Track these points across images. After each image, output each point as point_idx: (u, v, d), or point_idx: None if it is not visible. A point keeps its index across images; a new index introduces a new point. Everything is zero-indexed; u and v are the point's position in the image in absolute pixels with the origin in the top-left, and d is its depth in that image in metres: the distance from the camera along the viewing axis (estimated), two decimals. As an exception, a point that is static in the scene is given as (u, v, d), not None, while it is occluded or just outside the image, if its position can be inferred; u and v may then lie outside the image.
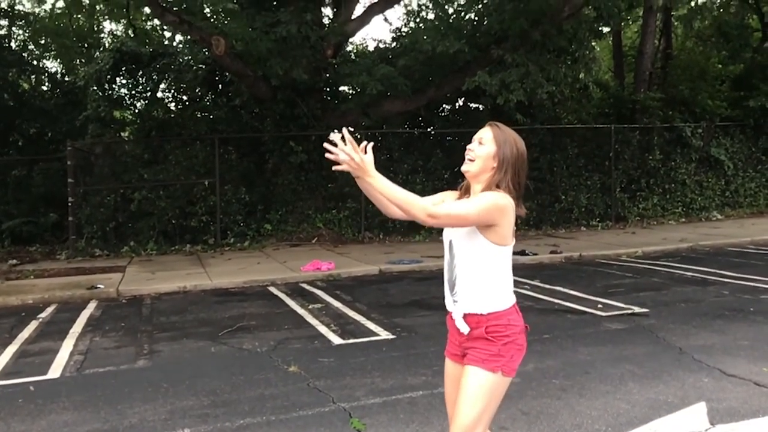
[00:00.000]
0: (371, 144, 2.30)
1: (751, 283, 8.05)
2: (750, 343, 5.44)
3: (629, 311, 6.75)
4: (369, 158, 2.26)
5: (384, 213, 2.54)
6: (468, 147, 2.52)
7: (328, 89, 14.87)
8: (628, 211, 15.90)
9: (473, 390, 2.43)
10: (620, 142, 15.93)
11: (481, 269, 2.45)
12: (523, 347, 2.50)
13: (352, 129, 2.30)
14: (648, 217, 15.85)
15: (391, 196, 2.26)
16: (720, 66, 18.09)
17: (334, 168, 2.32)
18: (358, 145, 2.27)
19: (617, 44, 19.56)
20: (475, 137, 2.53)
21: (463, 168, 2.52)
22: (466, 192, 2.57)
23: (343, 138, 2.25)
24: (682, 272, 9.12)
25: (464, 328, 2.49)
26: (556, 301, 7.44)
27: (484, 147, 2.47)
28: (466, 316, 2.48)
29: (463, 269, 2.48)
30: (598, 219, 15.56)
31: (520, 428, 3.81)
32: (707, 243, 11.81)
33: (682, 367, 4.86)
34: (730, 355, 5.09)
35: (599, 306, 7.03)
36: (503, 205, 2.37)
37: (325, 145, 2.28)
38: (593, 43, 17.27)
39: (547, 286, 8.33)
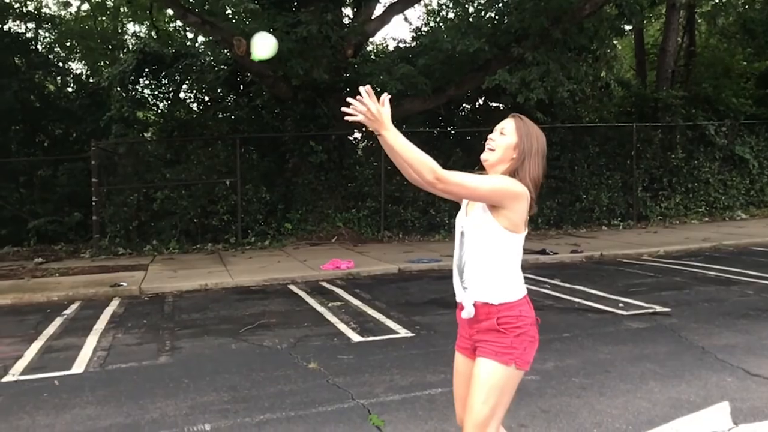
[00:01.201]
0: (389, 97, 2.31)
1: (777, 283, 7.92)
2: (775, 343, 5.35)
3: (651, 310, 6.68)
4: (386, 110, 2.26)
5: (405, 177, 2.51)
6: (489, 136, 2.52)
7: (348, 89, 14.91)
8: (650, 210, 15.72)
9: (486, 384, 2.39)
10: (642, 140, 15.76)
11: (491, 254, 2.42)
12: (535, 339, 2.47)
13: (370, 90, 2.28)
14: (670, 216, 15.65)
15: (405, 153, 2.25)
16: (745, 63, 17.80)
17: (349, 119, 2.33)
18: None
19: (639, 42, 19.34)
20: (497, 127, 2.53)
21: (483, 156, 2.51)
22: None
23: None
24: (705, 272, 9.00)
25: (471, 312, 2.43)
26: (577, 300, 7.39)
27: (506, 137, 2.47)
28: (476, 305, 2.44)
29: (473, 254, 2.44)
30: (619, 218, 15.41)
31: (540, 426, 3.80)
32: (731, 242, 11.63)
33: (705, 366, 4.80)
34: (754, 355, 5.02)
35: (620, 305, 6.97)
36: (518, 191, 2.36)
37: (344, 108, 2.31)
38: (615, 41, 17.12)
39: (568, 285, 8.27)
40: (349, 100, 2.29)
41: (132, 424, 4.10)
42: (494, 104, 16.23)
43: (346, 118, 2.33)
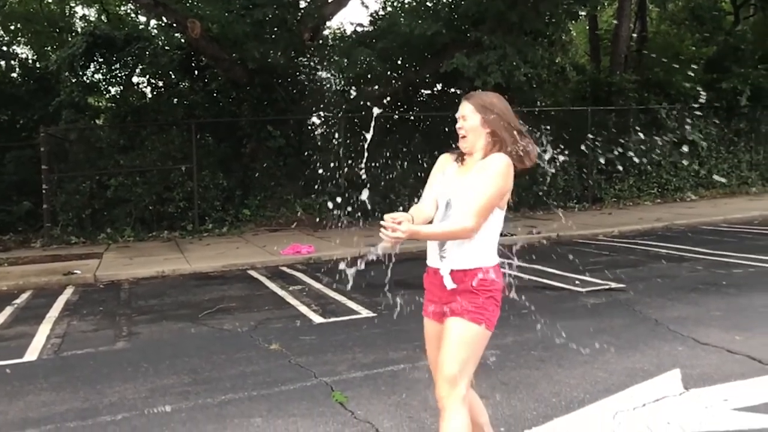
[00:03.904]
0: (402, 215, 2.39)
1: (724, 259, 8.21)
2: (723, 313, 5.55)
3: (607, 287, 6.85)
4: (406, 227, 2.32)
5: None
6: (457, 126, 2.62)
7: (305, 73, 14.76)
8: (604, 192, 16.07)
9: (458, 340, 2.47)
10: (597, 124, 16.06)
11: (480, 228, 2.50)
12: (499, 305, 2.55)
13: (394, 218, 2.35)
14: (624, 198, 16.03)
15: (441, 237, 2.49)
16: (694, 48, 18.29)
17: (385, 244, 2.39)
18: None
19: (593, 27, 19.68)
20: (459, 114, 2.62)
21: (460, 145, 2.62)
22: (461, 157, 2.65)
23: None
24: (657, 250, 9.26)
25: (450, 284, 2.52)
26: (535, 278, 7.51)
27: (468, 121, 2.58)
28: (452, 272, 2.52)
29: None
30: (575, 200, 15.71)
31: (501, 397, 3.86)
32: (682, 222, 12.00)
33: (658, 337, 4.95)
34: (703, 325, 5.20)
35: (577, 282, 7.12)
36: (507, 171, 2.49)
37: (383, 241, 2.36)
38: (569, 26, 17.37)
39: (526, 265, 8.38)
40: (382, 235, 2.32)
41: (89, 409, 4.01)
42: (452, 89, 16.28)
43: (384, 243, 2.37)
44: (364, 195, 2.88)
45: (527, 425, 3.49)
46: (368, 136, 2.96)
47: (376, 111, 2.75)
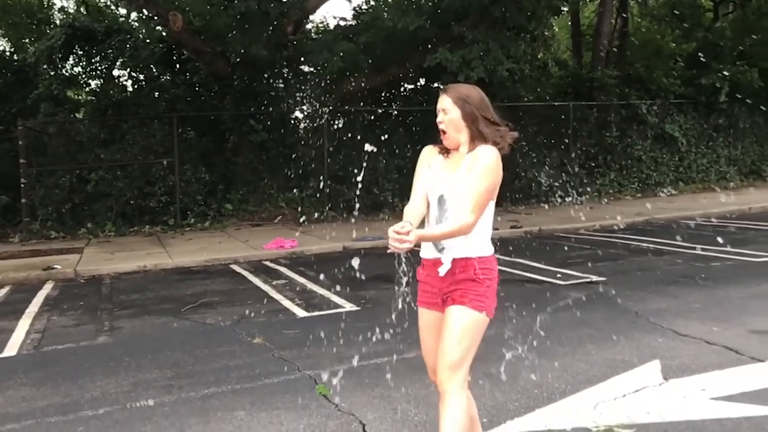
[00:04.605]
0: (405, 224, 2.37)
1: (703, 253, 8.32)
2: (701, 306, 5.64)
3: (587, 280, 6.92)
4: (413, 235, 2.33)
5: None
6: (437, 120, 2.65)
7: (288, 67, 14.69)
8: (586, 187, 16.20)
9: (460, 327, 2.53)
10: (578, 119, 16.19)
11: None
12: (496, 294, 2.65)
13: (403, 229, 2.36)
14: (605, 192, 16.18)
15: (444, 237, 2.51)
16: (674, 45, 18.46)
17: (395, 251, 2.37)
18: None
19: (575, 23, 19.79)
20: (438, 107, 2.66)
21: (445, 144, 2.67)
22: (445, 149, 2.69)
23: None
24: (638, 243, 9.37)
25: (447, 267, 2.57)
26: (517, 272, 7.57)
27: (448, 115, 2.62)
28: (454, 261, 2.57)
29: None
30: (557, 195, 15.82)
31: (483, 389, 3.89)
32: (662, 216, 12.15)
33: (638, 329, 5.02)
34: (682, 317, 5.28)
35: (558, 276, 7.19)
36: (498, 164, 2.56)
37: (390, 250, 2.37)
38: (552, 22, 17.45)
39: (508, 259, 8.45)
40: (392, 249, 2.32)
41: (71, 404, 3.98)
42: (435, 84, 16.31)
43: (392, 251, 2.37)
44: (355, 263, 2.95)
45: (510, 416, 3.53)
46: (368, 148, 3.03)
47: (368, 148, 2.91)
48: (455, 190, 2.56)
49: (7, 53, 18.36)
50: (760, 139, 18.83)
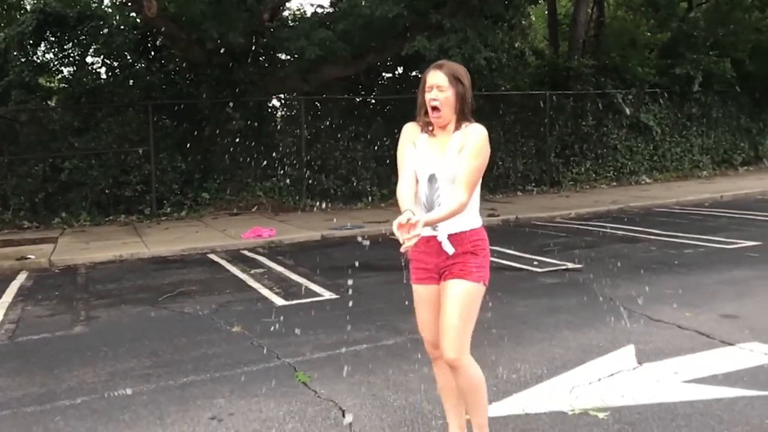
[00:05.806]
0: (407, 214, 2.41)
1: (676, 240, 8.49)
2: (674, 292, 5.75)
3: (563, 267, 7.01)
4: (421, 223, 2.39)
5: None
6: (430, 97, 2.63)
7: (265, 55, 14.56)
8: (562, 176, 16.35)
9: (462, 299, 2.65)
10: (555, 108, 16.29)
11: None
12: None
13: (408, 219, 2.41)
14: (581, 181, 16.34)
15: (445, 219, 2.57)
16: (649, 34, 18.67)
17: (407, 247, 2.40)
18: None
19: (552, 12, 19.87)
20: (431, 82, 2.63)
21: (433, 116, 2.65)
22: (428, 126, 2.70)
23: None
24: (613, 231, 9.50)
25: (450, 249, 2.65)
26: (494, 259, 7.52)
27: (445, 93, 2.62)
28: (450, 236, 2.64)
29: (449, 195, 2.61)
30: (533, 184, 15.96)
31: (461, 374, 3.93)
32: (636, 204, 12.32)
33: (613, 314, 5.10)
34: (656, 303, 5.38)
35: (535, 263, 7.27)
36: (487, 142, 2.64)
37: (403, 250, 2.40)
38: (529, 10, 17.52)
39: (486, 247, 8.52)
40: (405, 245, 2.36)
41: (47, 393, 3.95)
42: (413, 73, 16.29)
43: (404, 248, 2.40)
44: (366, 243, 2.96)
45: (487, 401, 3.56)
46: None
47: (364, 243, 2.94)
48: (445, 169, 2.62)
49: (-24, 39, 17.92)
50: (732, 129, 19.15)
